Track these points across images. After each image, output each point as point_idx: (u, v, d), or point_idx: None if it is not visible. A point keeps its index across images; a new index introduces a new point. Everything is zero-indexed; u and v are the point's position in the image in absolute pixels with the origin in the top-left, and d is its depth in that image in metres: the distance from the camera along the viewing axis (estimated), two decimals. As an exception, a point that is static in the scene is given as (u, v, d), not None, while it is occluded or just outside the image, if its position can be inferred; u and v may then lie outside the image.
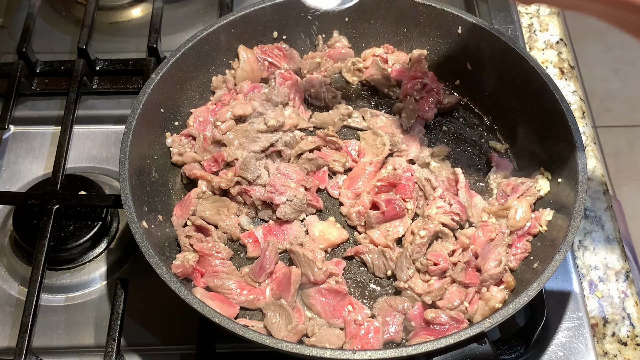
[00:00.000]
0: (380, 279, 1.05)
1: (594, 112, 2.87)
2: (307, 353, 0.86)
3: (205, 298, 0.98)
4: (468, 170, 1.16)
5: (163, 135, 1.15)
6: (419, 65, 1.23)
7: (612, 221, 1.17)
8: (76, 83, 1.23)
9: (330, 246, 1.07)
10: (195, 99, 1.20)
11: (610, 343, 1.05)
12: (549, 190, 1.09)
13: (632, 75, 2.99)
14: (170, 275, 0.91)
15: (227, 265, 1.03)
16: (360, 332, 0.97)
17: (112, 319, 1.00)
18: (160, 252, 0.98)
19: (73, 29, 1.40)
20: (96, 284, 1.10)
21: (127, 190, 0.98)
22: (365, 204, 1.09)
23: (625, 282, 1.11)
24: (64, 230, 1.09)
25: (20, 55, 1.28)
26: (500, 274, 1.00)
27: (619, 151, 2.78)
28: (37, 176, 1.21)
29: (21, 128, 1.27)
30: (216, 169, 1.12)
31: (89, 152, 1.24)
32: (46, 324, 1.05)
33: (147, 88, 1.09)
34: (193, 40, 1.14)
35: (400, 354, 0.86)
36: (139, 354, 1.02)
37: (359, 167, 1.15)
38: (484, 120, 1.22)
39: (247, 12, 1.18)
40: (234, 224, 1.09)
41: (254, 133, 1.14)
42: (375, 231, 1.07)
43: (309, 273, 1.02)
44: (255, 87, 1.21)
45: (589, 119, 1.29)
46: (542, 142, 1.11)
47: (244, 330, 0.87)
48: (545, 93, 1.09)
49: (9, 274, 1.11)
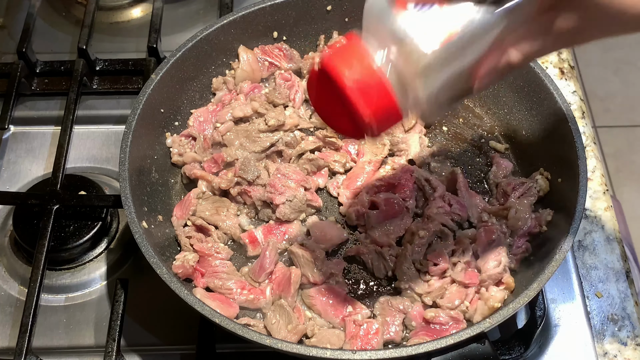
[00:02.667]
0: (380, 279, 1.05)
1: (594, 112, 2.87)
2: (307, 353, 0.86)
3: (205, 298, 0.98)
4: (468, 170, 1.16)
5: (163, 135, 1.15)
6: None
7: (612, 221, 1.17)
8: (76, 83, 1.23)
9: (330, 246, 1.07)
10: (195, 99, 1.20)
11: (610, 343, 1.05)
12: (549, 190, 1.09)
13: (632, 75, 2.99)
14: (171, 275, 0.91)
15: (227, 266, 1.03)
16: (360, 332, 0.97)
17: (112, 319, 1.00)
18: (160, 252, 0.98)
19: (73, 29, 1.40)
20: (96, 284, 1.10)
21: (127, 190, 0.98)
22: (364, 203, 1.09)
23: (625, 282, 1.11)
24: (64, 230, 1.09)
25: (20, 55, 1.28)
26: (500, 274, 1.00)
27: (619, 151, 2.78)
28: (37, 176, 1.21)
29: (21, 128, 1.27)
30: (216, 169, 1.12)
31: (89, 152, 1.24)
32: (46, 324, 1.05)
33: (147, 88, 1.09)
34: (193, 40, 1.14)
35: (400, 354, 0.86)
36: (139, 354, 1.02)
37: (358, 166, 1.15)
38: (484, 120, 1.22)
39: (247, 12, 1.18)
40: (234, 224, 1.09)
41: (254, 133, 1.14)
42: (376, 230, 1.07)
43: (308, 273, 1.02)
44: (255, 87, 1.21)
45: (589, 119, 1.29)
46: (542, 142, 1.11)
47: (244, 330, 0.87)
48: (545, 93, 1.09)
49: (9, 274, 1.11)
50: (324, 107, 0.79)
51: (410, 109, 0.75)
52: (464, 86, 0.78)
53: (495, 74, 0.78)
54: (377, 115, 0.72)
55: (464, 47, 0.73)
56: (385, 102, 0.72)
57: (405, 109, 0.74)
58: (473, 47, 0.74)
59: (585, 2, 0.71)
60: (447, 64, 0.73)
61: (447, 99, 0.78)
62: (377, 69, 0.71)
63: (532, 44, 0.76)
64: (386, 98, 0.72)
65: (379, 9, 0.73)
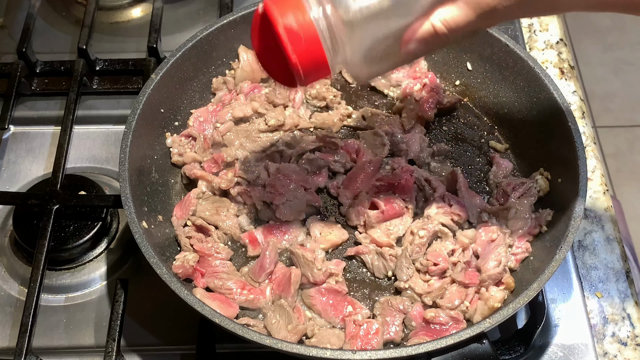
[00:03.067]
0: (380, 279, 1.06)
1: (594, 112, 2.87)
2: (307, 353, 0.86)
3: (205, 298, 0.98)
4: (468, 170, 1.16)
5: (163, 135, 1.15)
6: (418, 65, 1.24)
7: (612, 221, 1.17)
8: (76, 83, 1.24)
9: (330, 246, 1.07)
10: (195, 99, 1.20)
11: (610, 343, 1.05)
12: (549, 190, 1.09)
13: (632, 75, 2.99)
14: (171, 275, 0.91)
15: (227, 266, 1.03)
16: (360, 332, 0.97)
17: (112, 319, 1.00)
18: (160, 252, 0.98)
19: (73, 29, 1.40)
20: (96, 284, 1.10)
21: (127, 190, 0.98)
22: (364, 203, 1.09)
23: (625, 282, 1.11)
24: (64, 230, 1.09)
25: (20, 55, 1.28)
26: (500, 274, 1.00)
27: (619, 151, 2.78)
28: (37, 176, 1.21)
29: (21, 128, 1.27)
30: (216, 169, 1.12)
31: (89, 152, 1.24)
32: (46, 324, 1.05)
33: (147, 88, 1.09)
34: (193, 40, 1.14)
35: (400, 354, 0.86)
36: (139, 354, 1.02)
37: (358, 167, 1.15)
38: (484, 120, 1.22)
39: (247, 12, 1.18)
40: (234, 224, 1.09)
41: (254, 133, 1.14)
42: (377, 230, 1.07)
43: (308, 273, 1.02)
44: (255, 87, 1.21)
45: (589, 119, 1.29)
46: (542, 142, 1.11)
47: (244, 330, 0.87)
48: (545, 93, 1.09)
49: (9, 274, 1.11)
50: (264, 52, 0.84)
51: (340, 64, 0.82)
52: (392, 50, 0.81)
53: (421, 41, 0.80)
54: (305, 62, 0.78)
55: (391, 8, 0.77)
56: (314, 51, 0.78)
57: (333, 64, 0.80)
58: (400, 9, 0.78)
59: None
60: (374, 21, 0.78)
61: (376, 59, 0.82)
62: (309, 19, 0.77)
63: (453, 12, 0.77)
64: (315, 47, 0.77)
65: None
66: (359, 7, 0.76)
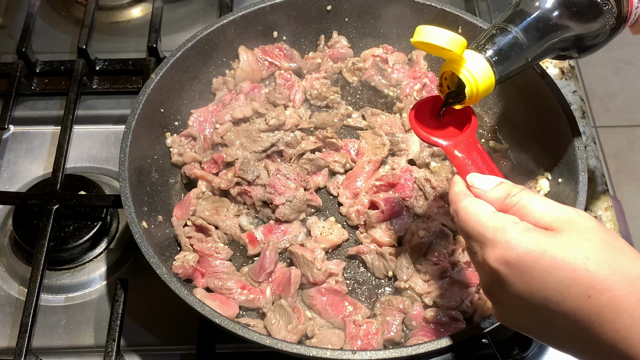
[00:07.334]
0: (380, 279, 1.05)
1: (594, 112, 2.87)
2: (307, 353, 0.86)
3: (205, 298, 0.98)
4: (468, 170, 1.16)
5: (163, 135, 1.15)
6: (418, 65, 1.24)
7: (612, 221, 1.17)
8: (76, 83, 1.23)
9: (331, 246, 1.07)
10: (195, 99, 1.20)
11: (610, 343, 1.05)
12: (549, 190, 1.09)
13: (632, 75, 2.98)
14: (170, 275, 0.91)
15: (227, 266, 1.03)
16: (360, 332, 0.97)
17: (112, 319, 1.00)
18: (160, 252, 0.98)
19: (73, 29, 1.41)
20: (96, 284, 1.10)
21: (127, 190, 0.98)
22: (364, 203, 1.09)
23: (625, 282, 1.10)
24: (64, 230, 1.09)
25: (20, 55, 1.28)
26: (500, 274, 1.00)
27: (619, 151, 2.78)
28: (37, 176, 1.21)
29: (21, 128, 1.27)
30: (216, 169, 1.12)
31: (89, 152, 1.24)
32: (46, 324, 1.05)
33: (147, 88, 1.09)
34: (193, 40, 1.14)
35: (400, 354, 0.86)
36: (139, 354, 1.02)
37: (358, 166, 1.15)
38: (484, 120, 1.22)
39: (247, 12, 1.18)
40: (234, 224, 1.09)
41: (254, 133, 1.14)
42: (377, 230, 1.07)
43: (308, 273, 1.02)
44: (255, 87, 1.21)
45: (589, 119, 1.29)
46: (543, 143, 1.11)
47: (244, 330, 0.87)
48: (545, 93, 1.09)
49: (9, 274, 1.11)
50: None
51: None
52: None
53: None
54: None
55: None
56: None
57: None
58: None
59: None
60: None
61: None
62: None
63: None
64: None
65: None
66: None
